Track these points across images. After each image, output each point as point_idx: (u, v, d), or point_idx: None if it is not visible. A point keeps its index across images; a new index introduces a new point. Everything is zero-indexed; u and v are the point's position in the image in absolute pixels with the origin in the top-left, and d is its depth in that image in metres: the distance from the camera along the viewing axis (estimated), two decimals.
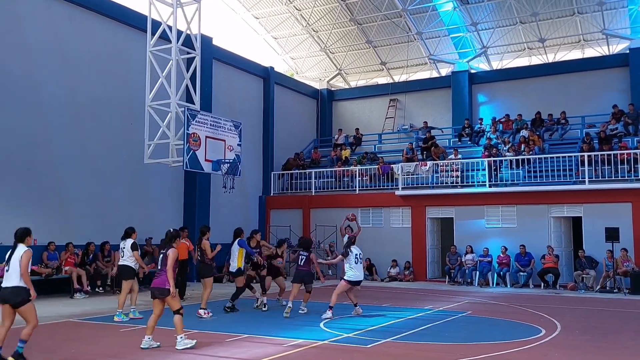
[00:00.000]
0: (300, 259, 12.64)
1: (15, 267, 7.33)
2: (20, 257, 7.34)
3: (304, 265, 12.51)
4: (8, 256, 7.43)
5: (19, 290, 7.30)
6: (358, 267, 11.91)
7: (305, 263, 12.53)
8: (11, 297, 7.29)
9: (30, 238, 7.75)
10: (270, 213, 23.75)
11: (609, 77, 23.01)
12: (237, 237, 12.64)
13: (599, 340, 9.48)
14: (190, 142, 14.80)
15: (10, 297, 7.30)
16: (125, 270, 11.62)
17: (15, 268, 7.32)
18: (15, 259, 7.34)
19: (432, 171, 21.04)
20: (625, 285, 16.81)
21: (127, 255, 11.57)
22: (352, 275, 11.84)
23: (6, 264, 7.39)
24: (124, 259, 11.62)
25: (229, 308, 12.46)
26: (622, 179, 17.94)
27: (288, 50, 28.65)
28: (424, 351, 8.63)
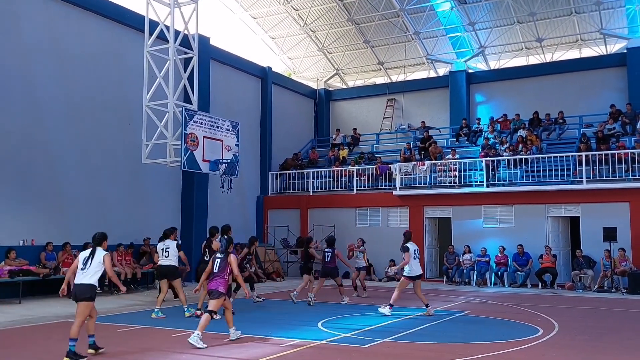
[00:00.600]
0: (327, 255, 13.94)
1: (95, 268, 8.16)
2: (102, 260, 8.23)
3: (330, 261, 13.88)
4: (86, 259, 8.23)
5: (92, 287, 8.14)
6: (415, 263, 12.18)
7: (331, 259, 13.87)
8: (80, 293, 8.03)
9: (105, 242, 8.67)
10: (268, 213, 23.75)
11: (606, 76, 23.04)
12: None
13: (596, 340, 9.49)
14: (188, 142, 14.80)
15: (80, 293, 8.03)
16: (171, 270, 11.72)
17: (94, 269, 8.16)
18: (97, 261, 8.18)
19: (429, 171, 21.04)
20: (622, 284, 16.83)
21: (173, 255, 11.73)
22: (410, 270, 12.06)
23: (83, 265, 8.16)
24: (169, 259, 11.71)
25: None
26: (620, 179, 17.97)
27: (286, 50, 28.64)
28: (422, 351, 8.63)
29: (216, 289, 9.17)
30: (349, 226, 21.88)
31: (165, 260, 11.75)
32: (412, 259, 12.08)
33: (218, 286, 9.18)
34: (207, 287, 9.40)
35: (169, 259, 11.72)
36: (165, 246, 11.79)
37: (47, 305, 13.33)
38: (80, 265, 8.21)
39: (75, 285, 8.15)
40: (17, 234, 15.01)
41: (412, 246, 12.24)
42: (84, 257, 8.27)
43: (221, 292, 9.17)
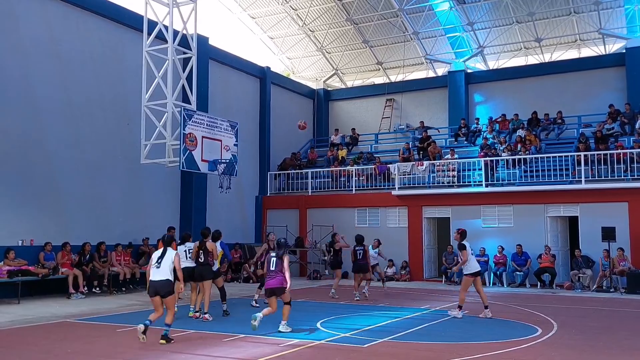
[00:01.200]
0: (358, 253, 14.78)
1: (167, 265, 9.24)
2: (172, 260, 9.29)
3: (362, 258, 14.74)
4: (158, 257, 9.29)
5: (169, 283, 9.18)
6: (474, 259, 12.15)
7: (362, 256, 14.73)
8: (162, 288, 9.14)
9: (175, 243, 9.80)
10: (267, 213, 23.74)
11: (605, 76, 23.06)
12: (217, 239, 12.36)
13: (595, 340, 9.49)
14: (186, 142, 14.80)
15: (161, 288, 9.13)
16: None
17: (167, 266, 9.24)
18: (169, 259, 9.26)
19: (428, 171, 21.06)
20: (621, 284, 16.85)
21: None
22: (470, 267, 11.91)
23: (157, 263, 9.25)
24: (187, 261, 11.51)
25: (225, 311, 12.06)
26: (619, 179, 17.98)
27: (284, 50, 28.63)
28: (421, 351, 8.63)
29: (280, 285, 10.09)
30: (348, 226, 21.81)
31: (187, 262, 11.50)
32: (471, 256, 11.96)
33: (282, 283, 10.11)
34: (267, 285, 10.23)
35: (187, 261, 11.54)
36: (185, 248, 11.74)
37: (46, 305, 13.32)
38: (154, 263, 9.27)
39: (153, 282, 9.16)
40: (15, 234, 14.99)
41: (467, 243, 12.05)
42: (156, 256, 9.37)
43: (284, 287, 10.13)
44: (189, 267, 11.46)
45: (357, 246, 14.88)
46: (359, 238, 15.06)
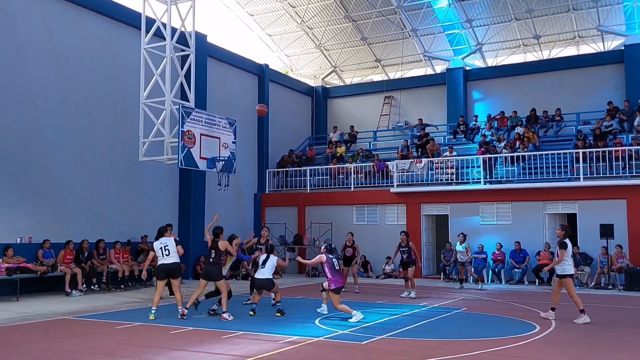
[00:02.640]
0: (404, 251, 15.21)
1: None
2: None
3: (408, 256, 15.17)
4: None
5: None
6: (571, 260, 11.40)
7: (408, 254, 15.18)
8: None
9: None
10: (266, 211, 23.75)
11: (604, 73, 23.06)
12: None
13: (592, 337, 9.51)
14: (185, 139, 14.77)
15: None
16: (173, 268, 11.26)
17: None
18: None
19: (427, 168, 21.07)
20: (619, 281, 16.88)
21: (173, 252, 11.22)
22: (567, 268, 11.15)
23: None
24: (170, 257, 11.17)
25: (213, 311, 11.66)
26: (617, 176, 18.00)
27: (283, 47, 28.61)
28: (419, 347, 8.64)
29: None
30: (346, 224, 21.87)
31: (167, 259, 11.17)
32: (570, 257, 11.17)
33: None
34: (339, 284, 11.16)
35: (170, 257, 11.17)
36: (163, 244, 11.22)
37: (45, 303, 13.33)
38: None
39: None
40: (14, 232, 14.99)
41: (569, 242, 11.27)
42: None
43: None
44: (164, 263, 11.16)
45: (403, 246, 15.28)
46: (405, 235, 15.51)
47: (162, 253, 11.20)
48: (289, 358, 7.87)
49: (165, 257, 11.17)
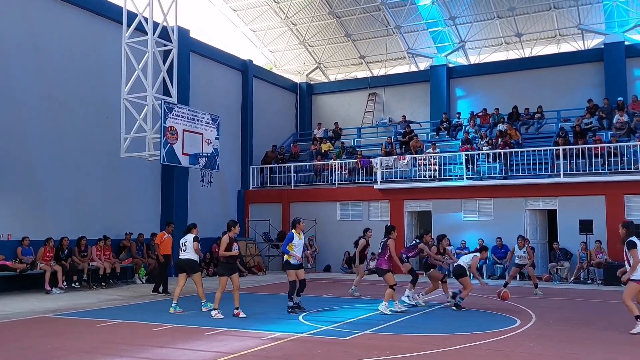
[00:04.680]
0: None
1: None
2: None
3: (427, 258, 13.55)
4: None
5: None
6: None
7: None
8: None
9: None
10: (250, 207, 23.69)
11: (584, 71, 23.34)
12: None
13: (572, 330, 9.66)
14: (167, 135, 14.69)
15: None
16: (189, 263, 11.76)
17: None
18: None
19: (410, 165, 21.17)
20: (598, 276, 17.15)
21: (190, 248, 11.73)
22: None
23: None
24: (187, 253, 11.71)
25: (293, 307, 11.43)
26: (596, 172, 18.26)
27: (267, 43, 28.52)
28: (403, 342, 8.70)
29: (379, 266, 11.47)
30: (330, 220, 21.94)
31: (184, 254, 11.73)
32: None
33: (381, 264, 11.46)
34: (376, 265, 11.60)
35: (187, 253, 11.71)
36: (185, 240, 11.81)
37: (24, 301, 13.16)
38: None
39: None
40: None
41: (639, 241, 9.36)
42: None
43: (384, 268, 11.34)
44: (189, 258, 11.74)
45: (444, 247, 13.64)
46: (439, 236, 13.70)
47: (180, 248, 11.87)
48: (272, 354, 7.87)
49: (182, 253, 11.79)
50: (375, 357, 7.62)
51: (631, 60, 22.37)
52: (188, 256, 11.74)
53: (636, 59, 22.33)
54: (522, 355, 7.86)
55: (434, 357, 7.71)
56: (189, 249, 11.73)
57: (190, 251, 11.72)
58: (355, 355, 7.74)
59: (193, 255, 11.78)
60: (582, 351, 8.09)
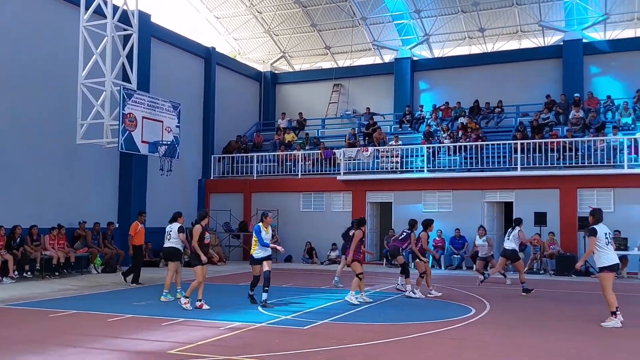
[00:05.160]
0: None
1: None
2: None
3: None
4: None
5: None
6: (610, 249, 9.38)
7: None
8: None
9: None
10: (210, 197, 23.44)
11: (543, 67, 23.85)
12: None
13: (524, 319, 9.90)
14: (126, 122, 14.39)
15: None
16: (172, 252, 11.76)
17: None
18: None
19: (373, 157, 21.30)
20: (551, 266, 17.66)
21: (174, 237, 11.70)
22: (608, 258, 9.33)
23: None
24: (170, 242, 11.71)
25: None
26: (552, 166, 18.74)
27: (231, 30, 28.15)
28: (361, 331, 8.76)
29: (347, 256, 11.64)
30: (292, 211, 21.92)
31: (167, 243, 11.75)
32: (606, 245, 9.30)
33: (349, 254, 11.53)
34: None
35: (170, 242, 11.71)
36: (170, 229, 11.77)
37: None
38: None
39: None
40: None
41: (602, 229, 9.38)
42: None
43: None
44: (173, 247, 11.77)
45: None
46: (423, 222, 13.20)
47: (165, 237, 11.84)
48: (230, 344, 7.82)
49: (167, 241, 11.81)
50: (333, 346, 7.66)
51: (588, 58, 22.98)
52: (171, 244, 11.73)
53: (593, 56, 22.95)
54: (475, 343, 8.03)
55: (391, 345, 7.80)
56: (173, 238, 11.68)
57: (174, 240, 11.71)
58: (313, 344, 7.76)
59: (177, 244, 11.76)
60: (533, 338, 8.31)
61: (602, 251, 9.27)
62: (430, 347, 7.69)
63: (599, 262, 9.33)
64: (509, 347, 7.76)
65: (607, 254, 9.26)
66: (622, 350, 7.61)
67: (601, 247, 9.26)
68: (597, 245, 9.26)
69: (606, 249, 9.27)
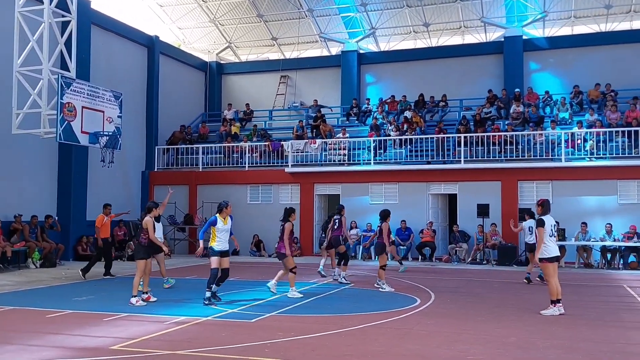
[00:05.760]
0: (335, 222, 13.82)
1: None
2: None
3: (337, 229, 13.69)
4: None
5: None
6: (553, 241, 9.61)
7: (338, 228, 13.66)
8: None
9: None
10: (154, 189, 22.91)
11: (485, 63, 24.50)
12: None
13: (467, 309, 10.19)
14: (64, 112, 13.87)
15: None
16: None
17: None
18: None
19: (320, 149, 21.35)
20: (493, 257, 18.25)
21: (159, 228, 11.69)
22: (549, 250, 9.54)
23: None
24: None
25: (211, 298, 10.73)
26: (494, 159, 19.31)
27: (175, 19, 27.50)
28: (307, 323, 8.79)
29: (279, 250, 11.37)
30: (239, 203, 21.66)
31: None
32: (550, 236, 9.52)
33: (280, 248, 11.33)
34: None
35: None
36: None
37: None
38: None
39: None
40: None
41: (549, 220, 9.60)
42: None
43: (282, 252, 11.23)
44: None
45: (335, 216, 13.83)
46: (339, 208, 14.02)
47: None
48: (175, 339, 7.68)
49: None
50: (280, 338, 7.65)
51: (528, 54, 23.78)
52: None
53: (533, 52, 23.76)
54: (420, 332, 8.20)
55: (337, 336, 7.86)
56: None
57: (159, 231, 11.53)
58: (260, 337, 7.72)
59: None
60: (474, 327, 8.56)
61: (544, 242, 9.46)
62: (375, 337, 7.79)
63: (539, 252, 9.56)
64: (451, 336, 7.96)
65: (547, 245, 9.46)
66: (561, 337, 7.93)
67: (545, 238, 9.45)
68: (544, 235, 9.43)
69: (549, 241, 9.46)
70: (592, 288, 12.89)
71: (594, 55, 22.96)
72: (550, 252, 9.51)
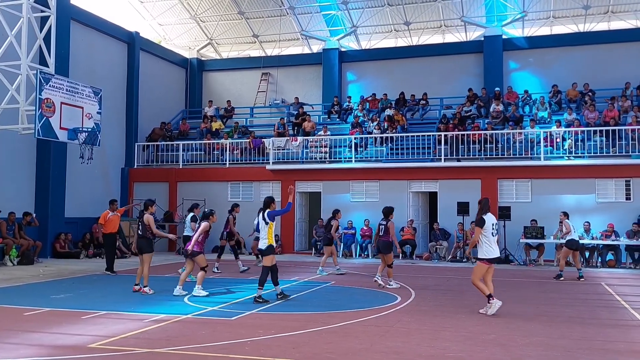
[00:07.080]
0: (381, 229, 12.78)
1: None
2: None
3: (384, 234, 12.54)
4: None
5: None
6: (494, 241, 9.44)
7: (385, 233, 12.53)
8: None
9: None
10: (134, 186, 22.72)
11: (465, 62, 24.71)
12: (267, 207, 10.64)
13: (446, 306, 10.29)
14: (43, 108, 13.67)
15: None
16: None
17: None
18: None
19: (302, 146, 21.35)
20: (473, 254, 18.34)
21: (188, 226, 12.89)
22: (490, 251, 9.39)
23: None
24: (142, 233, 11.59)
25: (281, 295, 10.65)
26: (474, 158, 19.51)
27: (155, 15, 27.25)
28: (287, 321, 8.80)
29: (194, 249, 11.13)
30: (220, 201, 21.57)
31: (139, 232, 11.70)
32: (492, 236, 9.37)
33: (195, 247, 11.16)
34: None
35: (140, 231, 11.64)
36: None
37: None
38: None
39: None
40: None
41: (490, 219, 9.45)
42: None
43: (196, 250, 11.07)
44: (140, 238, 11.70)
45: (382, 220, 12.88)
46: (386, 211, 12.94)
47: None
48: (154, 336, 7.64)
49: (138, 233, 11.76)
50: (260, 336, 7.65)
51: (508, 53, 24.05)
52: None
53: (512, 52, 24.04)
54: (400, 330, 8.25)
55: (318, 334, 7.88)
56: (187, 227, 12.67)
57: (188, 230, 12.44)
58: (240, 334, 7.71)
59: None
60: (454, 324, 8.65)
61: (486, 242, 9.28)
62: (356, 335, 7.83)
63: (480, 252, 9.36)
64: (432, 334, 8.04)
65: (489, 246, 9.29)
66: (540, 334, 8.03)
67: (487, 238, 9.27)
68: (484, 235, 9.27)
69: (490, 241, 9.29)
70: (571, 286, 13.09)
71: (573, 55, 23.31)
72: (491, 253, 9.34)
